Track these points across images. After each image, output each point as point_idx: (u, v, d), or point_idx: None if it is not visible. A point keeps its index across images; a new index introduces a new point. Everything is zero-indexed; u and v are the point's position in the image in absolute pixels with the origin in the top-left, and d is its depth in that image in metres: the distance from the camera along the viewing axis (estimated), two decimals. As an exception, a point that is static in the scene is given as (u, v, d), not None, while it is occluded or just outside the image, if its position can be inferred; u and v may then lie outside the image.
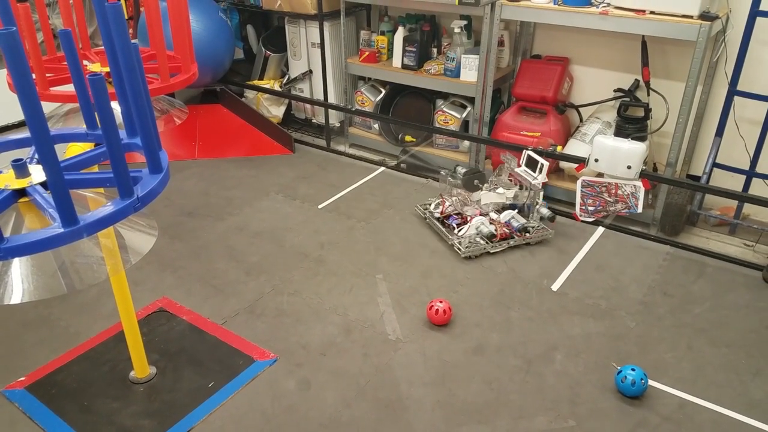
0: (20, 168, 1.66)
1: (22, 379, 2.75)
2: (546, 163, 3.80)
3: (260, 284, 3.49)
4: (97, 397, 2.65)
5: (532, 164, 3.91)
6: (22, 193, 1.64)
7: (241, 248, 3.85)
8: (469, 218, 3.87)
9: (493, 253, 3.77)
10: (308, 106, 5.43)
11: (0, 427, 2.52)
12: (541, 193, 3.91)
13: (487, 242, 3.75)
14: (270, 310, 3.28)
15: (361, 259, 3.75)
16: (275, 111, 5.53)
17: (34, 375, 2.77)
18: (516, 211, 3.91)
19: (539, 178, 3.80)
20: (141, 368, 2.73)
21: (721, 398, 2.71)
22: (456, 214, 3.96)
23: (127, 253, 1.88)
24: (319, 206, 4.37)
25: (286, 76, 5.46)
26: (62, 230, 1.40)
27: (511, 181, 4.08)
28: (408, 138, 4.98)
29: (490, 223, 3.80)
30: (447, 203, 3.99)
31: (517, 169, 3.98)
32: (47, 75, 2.30)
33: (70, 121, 2.59)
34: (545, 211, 3.86)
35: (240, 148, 5.28)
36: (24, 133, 1.80)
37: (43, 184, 1.66)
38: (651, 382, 2.77)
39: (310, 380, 2.81)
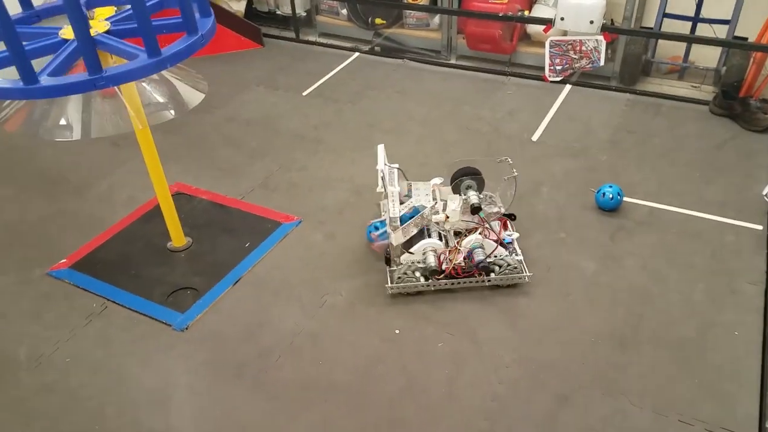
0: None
1: (64, 260, 2.93)
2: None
3: (266, 164, 3.69)
4: (142, 266, 2.87)
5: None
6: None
7: (237, 136, 3.99)
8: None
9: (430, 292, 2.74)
10: (270, -3, 5.34)
11: (55, 301, 2.73)
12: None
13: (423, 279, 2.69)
14: (282, 184, 3.51)
15: (356, 135, 3.97)
16: (236, 6, 5.41)
17: (74, 257, 2.94)
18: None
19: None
20: (178, 238, 2.94)
21: (682, 202, 3.22)
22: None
23: (176, 103, 2.04)
24: (303, 93, 4.48)
25: (242, -32, 5.31)
26: (150, 60, 1.56)
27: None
28: (378, 20, 5.05)
29: (438, 257, 2.66)
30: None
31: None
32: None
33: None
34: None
35: (208, 46, 5.20)
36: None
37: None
38: (625, 198, 3.24)
39: (335, 232, 3.12)
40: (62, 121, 1.77)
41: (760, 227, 3.01)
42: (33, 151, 3.88)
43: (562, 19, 4.11)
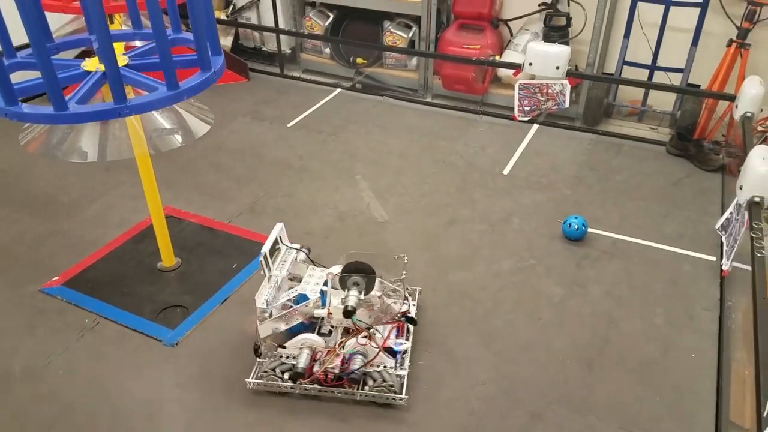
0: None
1: (56, 278, 3.01)
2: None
3: (253, 190, 3.86)
4: (134, 285, 2.98)
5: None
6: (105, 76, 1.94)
7: (225, 163, 4.16)
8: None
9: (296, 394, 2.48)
10: (257, 33, 5.61)
11: (49, 317, 2.81)
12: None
13: (290, 382, 2.43)
14: (269, 209, 3.68)
15: (339, 165, 4.19)
16: (223, 41, 5.66)
17: (66, 274, 3.04)
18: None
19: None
20: (168, 258, 3.07)
21: (642, 234, 3.50)
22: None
23: (186, 133, 2.22)
24: (288, 125, 4.71)
25: (231, 5, 5.58)
26: (170, 93, 1.75)
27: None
28: (359, 60, 5.36)
29: (315, 357, 2.43)
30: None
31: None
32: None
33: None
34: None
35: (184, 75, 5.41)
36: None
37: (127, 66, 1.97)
38: (589, 229, 3.51)
39: (321, 255, 3.28)
40: (80, 145, 1.93)
41: (713, 258, 3.30)
42: (26, 174, 3.98)
43: (530, 64, 4.46)
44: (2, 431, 2.30)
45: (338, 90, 5.30)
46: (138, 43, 2.48)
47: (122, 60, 1.91)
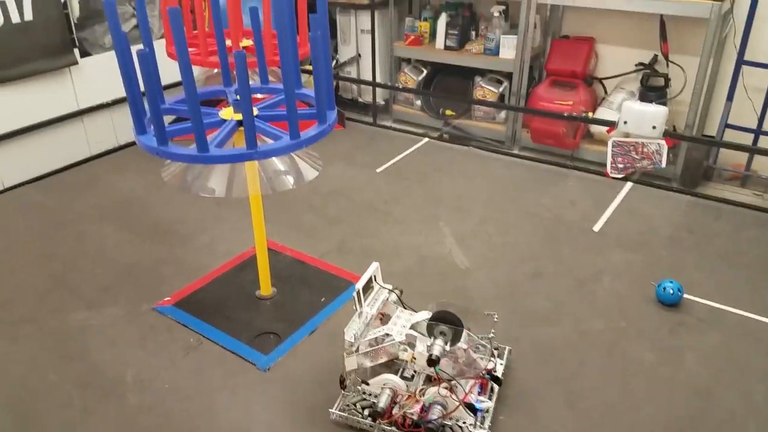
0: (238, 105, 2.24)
1: (168, 298, 3.32)
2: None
3: (342, 230, 4.07)
4: (234, 310, 3.22)
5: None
6: (240, 123, 2.21)
7: (318, 204, 4.42)
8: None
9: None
10: (355, 86, 6.00)
11: (159, 333, 3.09)
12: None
13: (370, 419, 2.48)
14: (355, 249, 3.85)
15: (423, 210, 4.33)
16: (325, 92, 6.09)
17: (177, 295, 3.33)
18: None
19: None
20: (266, 287, 3.29)
21: (742, 305, 3.30)
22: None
23: (297, 176, 2.44)
24: (377, 170, 4.94)
25: (335, 60, 6.03)
26: (291, 141, 1.98)
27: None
28: (448, 112, 5.56)
29: (395, 398, 2.46)
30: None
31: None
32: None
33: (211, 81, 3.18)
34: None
35: (300, 125, 5.84)
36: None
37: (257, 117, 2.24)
38: (684, 295, 3.36)
39: (402, 297, 3.38)
40: (210, 182, 2.20)
41: (823, 335, 3.05)
42: (150, 204, 4.44)
43: (625, 122, 4.44)
44: (113, 433, 2.53)
45: (426, 139, 5.51)
46: (259, 96, 2.80)
47: (254, 111, 2.18)
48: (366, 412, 2.47)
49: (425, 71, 5.68)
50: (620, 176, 4.66)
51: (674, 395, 2.72)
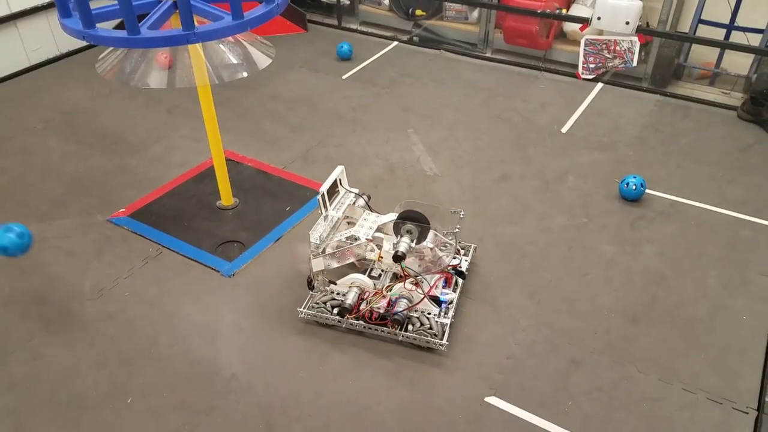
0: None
1: (123, 210, 3.20)
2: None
3: (306, 139, 3.92)
4: (193, 220, 3.13)
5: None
6: (175, 5, 2.00)
7: (280, 112, 4.23)
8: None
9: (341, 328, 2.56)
10: (317, -14, 5.58)
11: (115, 244, 3.00)
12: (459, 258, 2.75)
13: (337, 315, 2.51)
14: (321, 158, 3.74)
15: (392, 117, 4.19)
16: (284, -6, 5.67)
17: (132, 207, 3.22)
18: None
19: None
20: (227, 198, 3.19)
21: (703, 198, 3.35)
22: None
23: (249, 65, 2.27)
24: (343, 77, 4.72)
25: (293, -42, 5.56)
26: (235, 22, 1.80)
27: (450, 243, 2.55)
28: (418, 12, 5.25)
29: (363, 296, 2.52)
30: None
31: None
32: None
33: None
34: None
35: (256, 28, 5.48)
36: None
37: None
38: (647, 190, 3.38)
39: (370, 203, 3.33)
40: (151, 73, 2.02)
41: (777, 225, 3.14)
42: (95, 114, 4.19)
43: (598, 18, 4.26)
44: (76, 340, 2.51)
45: (395, 43, 5.24)
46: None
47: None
48: (335, 310, 2.51)
49: (391, -32, 5.30)
50: (591, 77, 4.54)
51: (631, 284, 2.80)
